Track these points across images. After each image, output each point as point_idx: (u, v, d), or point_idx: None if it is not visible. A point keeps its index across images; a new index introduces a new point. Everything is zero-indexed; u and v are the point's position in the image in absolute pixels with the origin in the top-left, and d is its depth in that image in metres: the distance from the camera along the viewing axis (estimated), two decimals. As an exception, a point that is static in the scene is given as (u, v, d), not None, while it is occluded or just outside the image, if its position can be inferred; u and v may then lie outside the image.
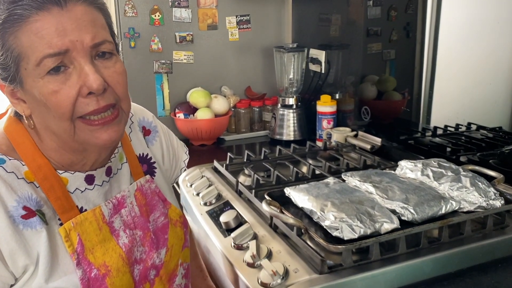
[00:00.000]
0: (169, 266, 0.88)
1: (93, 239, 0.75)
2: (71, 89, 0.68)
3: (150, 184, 0.88)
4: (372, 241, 0.93)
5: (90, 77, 0.67)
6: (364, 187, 1.12)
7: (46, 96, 0.67)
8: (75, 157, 0.77)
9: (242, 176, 1.45)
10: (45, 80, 0.67)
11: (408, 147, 1.59)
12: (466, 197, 1.07)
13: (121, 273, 0.77)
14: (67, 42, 0.66)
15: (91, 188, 0.79)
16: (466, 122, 1.57)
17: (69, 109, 0.68)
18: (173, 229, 0.88)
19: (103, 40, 0.70)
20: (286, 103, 1.99)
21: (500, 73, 1.46)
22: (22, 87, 0.70)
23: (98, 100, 0.70)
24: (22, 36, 0.66)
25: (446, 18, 1.54)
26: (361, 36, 1.82)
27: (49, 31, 0.65)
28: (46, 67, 0.66)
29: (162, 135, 0.98)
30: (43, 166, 0.73)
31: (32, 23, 0.65)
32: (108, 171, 0.82)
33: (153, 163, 0.92)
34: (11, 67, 0.68)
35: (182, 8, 2.05)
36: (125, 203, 0.82)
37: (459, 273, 0.98)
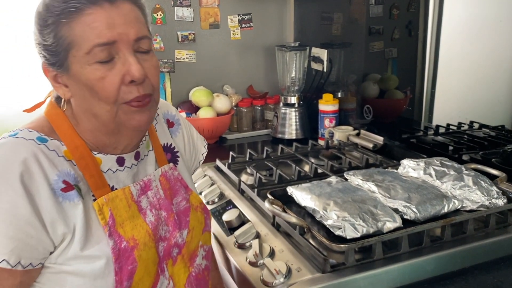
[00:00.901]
0: (190, 246, 0.93)
1: (123, 215, 0.82)
2: (116, 76, 0.75)
3: (173, 171, 0.94)
4: (375, 240, 0.93)
5: (133, 67, 0.75)
6: (366, 186, 1.12)
7: (93, 82, 0.75)
8: (109, 139, 0.83)
9: (244, 175, 1.45)
10: (92, 67, 0.74)
11: (411, 145, 1.59)
12: (469, 196, 1.07)
13: (147, 247, 0.83)
14: (115, 34, 0.74)
15: (122, 170, 0.86)
16: (469, 120, 1.57)
17: (114, 94, 0.76)
18: (194, 213, 0.95)
19: (144, 35, 0.78)
20: (288, 102, 1.99)
21: (503, 72, 1.46)
22: (67, 72, 0.77)
23: (139, 89, 0.77)
24: (75, 26, 0.73)
25: (448, 16, 1.54)
26: (363, 34, 1.82)
27: (100, 23, 0.73)
28: (95, 56, 0.74)
29: (184, 128, 1.05)
30: (80, 146, 0.80)
31: (85, 16, 0.73)
32: (137, 156, 0.89)
33: (176, 152, 0.99)
34: (60, 53, 0.75)
35: (184, 7, 2.05)
36: (151, 186, 0.89)
37: (461, 272, 0.98)
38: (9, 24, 1.82)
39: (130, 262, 0.80)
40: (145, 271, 0.83)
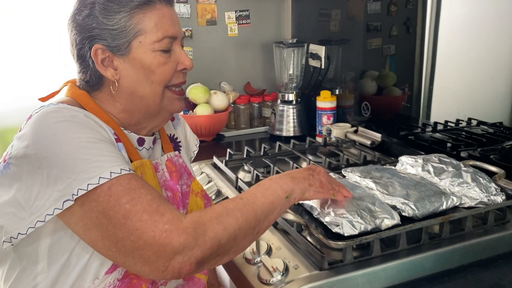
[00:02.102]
0: None
1: (151, 181, 0.90)
2: (174, 64, 0.89)
3: (178, 158, 1.02)
4: (373, 237, 0.92)
5: (187, 59, 0.90)
6: (364, 183, 1.12)
7: (155, 66, 0.87)
8: (144, 120, 0.93)
9: (241, 172, 1.44)
10: (156, 54, 0.86)
11: (409, 142, 1.58)
12: (467, 193, 1.06)
13: None
14: (176, 31, 0.89)
15: (140, 149, 0.94)
16: (467, 117, 1.57)
17: (169, 77, 0.89)
18: (193, 197, 1.01)
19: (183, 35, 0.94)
20: (285, 99, 1.98)
21: (501, 68, 1.46)
22: (124, 55, 0.86)
23: (184, 76, 0.93)
24: (151, 17, 0.85)
25: (447, 13, 1.54)
26: (361, 31, 1.81)
27: (169, 19, 0.87)
28: (162, 45, 0.86)
29: (182, 124, 1.14)
30: (110, 120, 0.89)
31: (158, 9, 0.86)
32: (154, 140, 0.98)
33: (179, 142, 1.08)
34: (126, 37, 0.84)
35: (181, 4, 2.04)
36: (158, 169, 0.96)
37: (460, 269, 0.97)
38: (8, 23, 1.82)
39: None
40: None
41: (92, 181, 0.73)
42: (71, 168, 0.74)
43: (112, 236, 0.74)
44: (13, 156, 0.77)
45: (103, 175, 0.74)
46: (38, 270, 0.83)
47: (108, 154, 0.77)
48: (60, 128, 0.77)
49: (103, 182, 0.74)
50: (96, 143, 0.77)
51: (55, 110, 0.79)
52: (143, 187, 0.76)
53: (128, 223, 0.72)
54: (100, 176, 0.74)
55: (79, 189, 0.73)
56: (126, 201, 0.73)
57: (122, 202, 0.73)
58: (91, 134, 0.78)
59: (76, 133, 0.77)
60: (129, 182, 0.75)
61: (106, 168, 0.75)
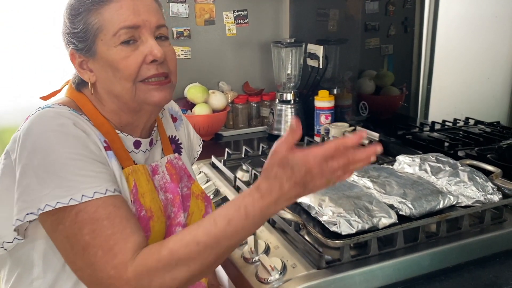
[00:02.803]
0: None
1: (144, 187, 0.89)
2: (139, 56, 0.84)
3: (178, 160, 1.02)
4: (370, 236, 0.93)
5: (155, 48, 0.84)
6: (362, 182, 1.12)
7: (118, 61, 0.83)
8: (131, 118, 0.91)
9: (240, 171, 1.44)
10: (118, 48, 0.83)
11: (406, 142, 1.59)
12: (464, 192, 1.07)
13: (160, 220, 0.90)
14: (140, 20, 0.84)
15: (137, 152, 0.93)
16: (464, 117, 1.57)
17: (135, 71, 0.84)
18: (194, 200, 1.01)
19: (163, 24, 0.89)
20: (284, 99, 1.98)
21: (498, 68, 1.46)
22: (93, 57, 0.85)
23: (157, 68, 0.86)
24: (105, 12, 0.82)
25: (444, 12, 1.54)
26: (359, 31, 1.81)
27: (127, 10, 0.83)
28: (121, 37, 0.83)
29: (185, 124, 1.14)
30: (105, 123, 0.88)
31: (114, 3, 0.83)
32: (151, 142, 0.97)
33: (180, 144, 1.07)
34: (89, 38, 0.84)
35: (179, 3, 2.04)
36: (158, 171, 0.96)
37: (457, 268, 0.98)
38: (8, 23, 1.82)
39: (145, 231, 0.85)
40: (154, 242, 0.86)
41: (63, 200, 0.74)
42: (47, 183, 0.74)
43: (73, 264, 0.77)
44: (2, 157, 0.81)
45: (74, 196, 0.74)
46: (34, 276, 0.84)
47: (86, 173, 0.77)
48: (45, 139, 0.77)
49: (73, 203, 0.74)
50: (77, 160, 0.77)
51: (47, 116, 0.80)
52: (109, 218, 0.75)
53: (86, 256, 0.74)
54: (71, 197, 0.74)
55: (47, 205, 0.74)
56: (87, 232, 0.74)
57: (83, 233, 0.74)
58: (74, 149, 0.77)
59: (59, 147, 0.76)
60: (95, 211, 0.75)
61: (80, 190, 0.75)
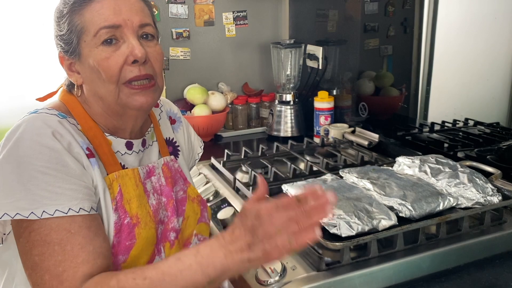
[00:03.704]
0: (184, 233, 0.98)
1: (131, 192, 0.88)
2: (120, 57, 0.82)
3: (174, 163, 1.01)
4: (370, 238, 0.92)
5: (136, 48, 0.82)
6: (361, 183, 1.12)
7: (99, 62, 0.82)
8: (117, 121, 0.90)
9: (239, 173, 1.44)
10: (99, 49, 0.82)
11: (406, 143, 1.59)
12: (464, 193, 1.07)
13: (148, 227, 0.88)
14: (120, 19, 0.82)
15: (130, 153, 0.92)
16: (464, 117, 1.57)
17: (117, 73, 0.82)
18: (191, 204, 1.00)
19: (148, 23, 0.86)
20: (283, 100, 1.98)
21: (498, 69, 1.46)
22: (79, 58, 0.85)
23: (140, 69, 0.84)
24: (86, 13, 0.82)
25: (444, 13, 1.54)
26: (358, 31, 1.81)
27: (107, 10, 0.82)
28: (101, 37, 0.82)
29: (184, 126, 1.12)
30: (93, 127, 0.88)
31: (95, 3, 0.82)
32: (143, 143, 0.96)
33: (177, 147, 1.07)
34: (73, 40, 0.83)
35: (179, 4, 2.04)
36: (155, 172, 0.95)
37: (456, 269, 0.98)
38: (5, 23, 1.82)
39: (129, 238, 0.85)
40: (142, 249, 0.87)
41: (23, 212, 0.74)
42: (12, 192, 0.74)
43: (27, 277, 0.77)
44: None
45: (36, 211, 0.74)
46: (17, 281, 0.84)
47: (52, 189, 0.76)
48: (21, 148, 0.77)
49: (33, 218, 0.74)
50: (46, 174, 0.76)
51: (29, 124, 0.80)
52: (60, 243, 0.74)
53: (33, 275, 0.75)
54: (32, 211, 0.74)
55: (6, 214, 0.74)
56: (37, 253, 0.74)
57: (33, 253, 0.74)
58: (47, 162, 0.76)
59: (33, 158, 0.76)
60: (47, 234, 0.75)
61: (42, 205, 0.74)
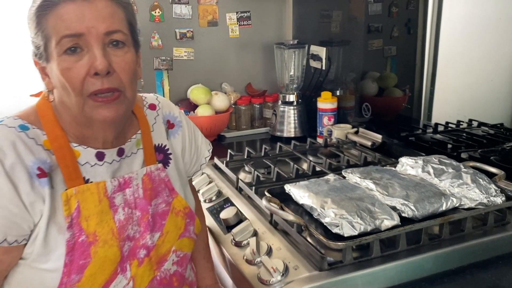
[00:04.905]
0: (160, 249, 0.93)
1: (91, 209, 0.84)
2: (82, 68, 0.78)
3: (160, 172, 0.95)
4: (373, 238, 0.92)
5: (97, 60, 0.77)
6: (364, 183, 1.12)
7: (62, 72, 0.78)
8: (86, 131, 0.86)
9: (242, 173, 1.45)
10: (61, 58, 0.78)
11: (409, 143, 1.58)
12: (467, 194, 1.07)
13: (107, 245, 0.84)
14: (83, 27, 0.77)
15: (100, 164, 0.87)
16: (467, 118, 1.57)
17: (78, 85, 0.78)
18: (173, 217, 0.94)
19: (116, 29, 0.80)
20: (286, 100, 1.98)
21: (502, 70, 1.46)
22: (47, 64, 0.81)
23: (103, 82, 0.79)
24: (50, 19, 0.78)
25: (448, 14, 1.54)
26: (362, 32, 1.81)
27: (70, 16, 0.77)
28: (63, 46, 0.77)
29: (187, 130, 1.05)
30: (60, 137, 0.84)
31: (59, 9, 0.77)
32: (120, 152, 0.90)
33: (169, 154, 0.99)
34: (41, 45, 0.80)
35: (182, 5, 2.04)
36: (131, 184, 0.90)
37: (459, 270, 0.98)
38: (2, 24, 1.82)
39: (83, 257, 0.82)
40: (99, 268, 0.84)
41: None
42: None
43: None
44: None
45: None
46: None
47: None
48: None
49: None
50: None
51: None
52: None
53: None
54: None
55: None
56: None
57: None
58: None
59: None
60: None
61: None
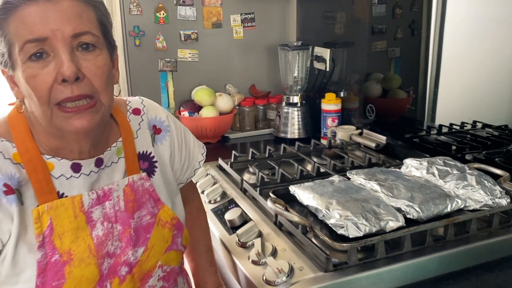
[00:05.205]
0: (144, 265, 0.87)
1: (65, 225, 0.78)
2: (48, 75, 0.71)
3: (144, 182, 0.88)
4: (378, 239, 0.93)
5: (64, 65, 0.71)
6: (369, 185, 1.12)
7: (26, 80, 0.72)
8: (60, 142, 0.80)
9: (246, 174, 1.45)
10: (26, 65, 0.71)
11: (413, 145, 1.58)
12: (472, 196, 1.07)
13: (84, 263, 0.79)
14: (47, 30, 0.70)
15: (77, 176, 0.81)
16: (472, 120, 1.57)
17: (45, 94, 0.72)
18: (159, 230, 0.88)
19: (85, 31, 0.73)
20: (290, 101, 1.98)
21: (506, 71, 1.46)
22: (13, 72, 0.75)
23: (72, 89, 0.72)
24: (11, 23, 0.71)
25: (451, 15, 1.54)
26: (366, 34, 1.81)
27: (32, 19, 0.70)
28: (27, 53, 0.71)
29: (175, 134, 0.98)
30: (30, 149, 0.78)
31: (20, 11, 0.71)
32: (98, 162, 0.84)
33: (154, 162, 0.92)
34: (5, 52, 0.73)
35: (187, 6, 2.05)
36: (111, 196, 0.83)
37: (464, 272, 0.97)
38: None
39: (56, 278, 0.76)
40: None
41: None
42: None
43: None
44: None
45: None
46: None
47: None
48: None
49: None
50: None
51: None
52: None
53: None
54: None
55: None
56: None
57: None
58: None
59: None
60: None
61: None
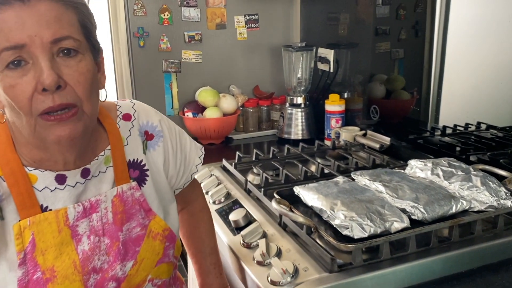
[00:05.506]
0: (133, 280, 0.83)
1: (49, 241, 0.74)
2: (28, 84, 0.67)
3: (134, 191, 0.84)
4: (382, 240, 0.93)
5: (44, 73, 0.66)
6: (374, 186, 1.12)
7: (5, 90, 0.67)
8: (43, 153, 0.76)
9: (250, 175, 1.45)
10: (4, 74, 0.67)
11: (417, 146, 1.58)
12: (477, 197, 1.07)
13: (68, 280, 0.75)
14: (25, 36, 0.66)
15: (62, 188, 0.77)
16: (476, 121, 1.57)
17: (25, 104, 0.67)
18: (149, 242, 0.84)
19: (65, 36, 0.69)
20: (294, 102, 1.99)
21: (510, 72, 1.45)
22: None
23: (54, 98, 0.68)
24: None
25: (455, 16, 1.54)
26: (369, 35, 1.81)
27: (8, 25, 0.65)
28: (4, 61, 0.66)
29: (169, 139, 0.92)
30: (12, 161, 0.74)
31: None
32: (85, 173, 0.79)
33: (145, 170, 0.87)
34: None
35: (191, 8, 2.06)
36: (98, 208, 0.80)
37: (469, 273, 0.97)
38: None
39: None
40: None
41: None
42: None
43: None
44: None
45: None
46: None
47: None
48: None
49: None
50: None
51: None
52: None
53: None
54: None
55: None
56: None
57: None
58: None
59: None
60: None
61: None
